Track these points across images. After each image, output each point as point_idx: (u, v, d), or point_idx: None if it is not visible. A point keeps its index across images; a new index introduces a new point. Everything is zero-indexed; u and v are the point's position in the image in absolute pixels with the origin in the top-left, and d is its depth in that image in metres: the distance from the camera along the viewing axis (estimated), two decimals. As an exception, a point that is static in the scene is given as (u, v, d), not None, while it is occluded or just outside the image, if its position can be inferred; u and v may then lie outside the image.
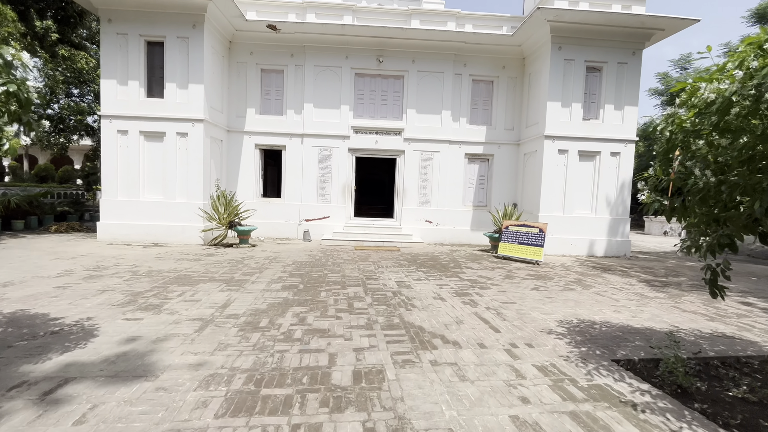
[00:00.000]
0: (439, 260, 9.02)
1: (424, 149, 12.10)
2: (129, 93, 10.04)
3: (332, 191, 12.07)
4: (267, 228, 11.96)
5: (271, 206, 12.06)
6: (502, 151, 12.33)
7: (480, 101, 12.38)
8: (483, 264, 8.75)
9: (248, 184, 12.03)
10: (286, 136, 11.93)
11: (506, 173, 12.40)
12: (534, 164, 11.27)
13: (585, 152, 10.79)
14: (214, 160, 11.02)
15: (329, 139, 11.93)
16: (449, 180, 12.26)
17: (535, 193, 11.08)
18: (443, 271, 7.73)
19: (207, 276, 6.51)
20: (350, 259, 8.77)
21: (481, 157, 12.45)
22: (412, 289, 6.10)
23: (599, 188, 10.85)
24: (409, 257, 9.28)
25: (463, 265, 8.53)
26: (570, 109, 10.66)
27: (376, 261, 8.60)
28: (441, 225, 12.25)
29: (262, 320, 4.40)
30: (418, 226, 12.19)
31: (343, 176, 12.05)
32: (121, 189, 10.19)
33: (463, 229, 12.34)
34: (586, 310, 5.31)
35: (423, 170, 12.17)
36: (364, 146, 12.01)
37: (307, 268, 7.47)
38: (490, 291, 6.21)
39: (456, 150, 12.24)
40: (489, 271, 7.87)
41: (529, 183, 11.62)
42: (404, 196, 12.19)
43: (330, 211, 12.08)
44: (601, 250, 10.86)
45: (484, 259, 9.53)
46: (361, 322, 4.43)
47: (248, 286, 5.95)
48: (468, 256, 9.90)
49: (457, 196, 12.36)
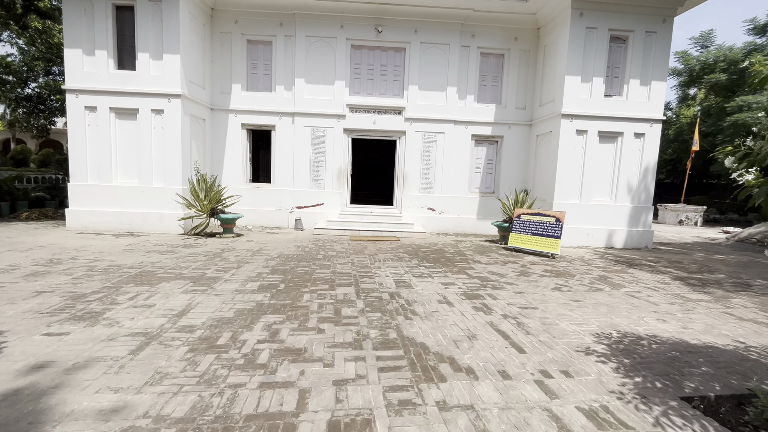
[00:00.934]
0: (443, 253, 8.08)
1: (426, 130, 11.03)
2: (97, 64, 8.95)
3: (326, 176, 11.06)
4: (256, 216, 11.01)
5: (260, 192, 11.08)
6: (512, 133, 11.25)
7: (489, 77, 11.23)
8: (492, 257, 7.81)
9: (234, 167, 11.02)
10: (276, 115, 10.86)
11: (517, 157, 11.35)
12: (548, 147, 10.21)
13: (606, 133, 9.71)
14: (195, 141, 9.99)
15: (323, 118, 10.85)
16: (454, 164, 11.22)
17: (549, 178, 10.05)
18: (449, 266, 6.80)
19: (174, 273, 5.59)
20: (344, 251, 7.83)
21: (489, 139, 11.38)
22: (413, 290, 5.18)
23: (620, 173, 9.82)
24: (410, 249, 8.35)
25: (470, 258, 7.60)
26: (590, 85, 9.54)
27: (373, 254, 7.67)
28: (445, 213, 11.28)
29: (223, 335, 3.47)
30: (420, 214, 11.22)
31: (338, 160, 11.02)
32: (91, 173, 9.20)
33: (468, 217, 11.37)
34: (623, 319, 4.37)
35: (425, 153, 11.12)
36: (361, 126, 10.94)
37: (294, 263, 6.55)
38: (504, 292, 5.28)
39: (462, 131, 11.16)
40: (500, 266, 6.94)
41: (542, 167, 10.58)
42: (405, 182, 11.18)
43: (324, 198, 11.10)
44: (621, 241, 9.90)
45: (493, 251, 8.58)
46: (348, 338, 3.51)
47: (219, 285, 5.03)
48: (475, 247, 8.95)
49: (462, 181, 11.34)
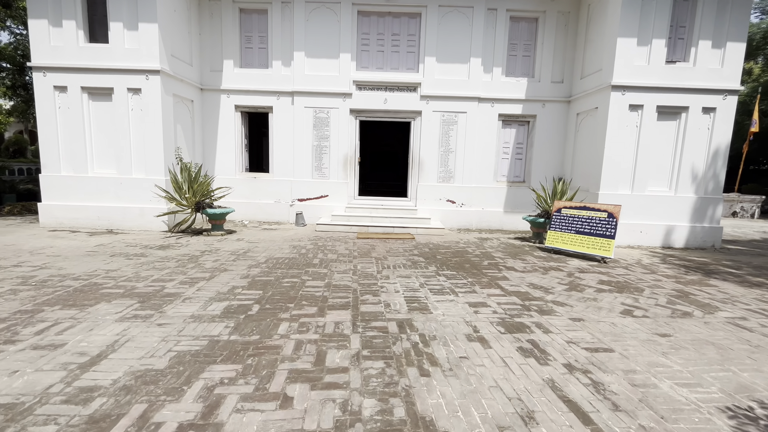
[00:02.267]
0: (466, 255, 6.67)
1: (446, 109, 9.50)
2: (65, 37, 7.79)
3: (331, 164, 9.73)
4: (253, 210, 9.82)
5: (257, 183, 9.85)
6: (547, 111, 9.60)
7: (520, 46, 9.56)
8: (528, 262, 6.35)
9: (228, 156, 9.81)
10: (273, 95, 9.53)
11: (552, 140, 9.70)
12: (593, 126, 8.55)
13: (666, 108, 7.98)
14: (181, 125, 8.80)
15: (326, 97, 9.47)
16: (478, 149, 9.69)
17: (593, 164, 8.42)
18: (475, 275, 5.40)
19: (125, 287, 4.40)
20: (347, 253, 6.53)
21: (519, 119, 9.77)
22: (430, 316, 3.82)
23: (683, 157, 8.09)
24: (427, 251, 6.97)
25: (501, 263, 6.17)
26: (648, 49, 7.79)
27: (382, 256, 6.34)
28: (467, 206, 9.80)
29: (130, 411, 2.20)
30: (438, 207, 9.78)
31: (344, 145, 9.65)
32: (64, 162, 8.14)
33: (494, 210, 9.86)
34: (754, 373, 2.90)
35: (444, 136, 9.62)
36: (370, 106, 9.51)
37: (282, 270, 5.28)
38: (557, 318, 3.86)
39: (487, 110, 9.58)
40: (541, 276, 5.49)
41: (583, 152, 8.93)
42: (420, 171, 9.73)
43: (328, 189, 9.79)
44: (681, 240, 8.23)
45: (527, 252, 7.11)
46: (327, 420, 2.19)
47: (173, 308, 3.80)
48: (504, 248, 7.50)
49: (487, 169, 9.81)
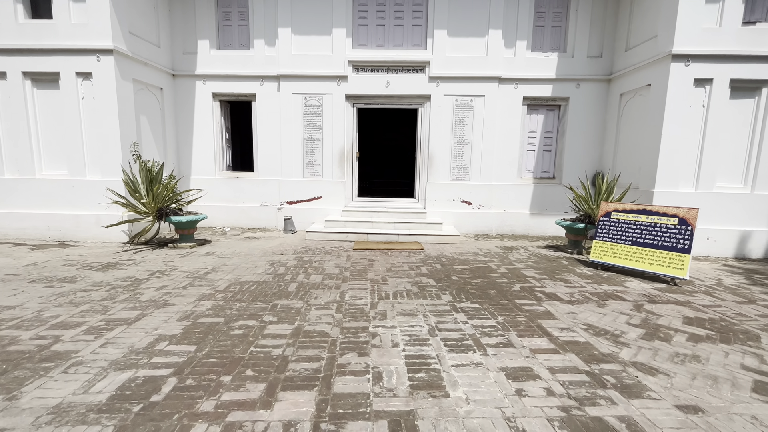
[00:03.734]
0: (490, 274, 5.17)
1: (460, 92, 7.97)
2: (0, 12, 6.51)
3: (324, 160, 8.30)
4: (235, 214, 8.47)
5: (241, 184, 8.49)
6: (581, 93, 7.97)
7: (548, 14, 7.94)
8: (573, 283, 4.82)
9: (206, 152, 8.46)
10: (256, 80, 8.14)
11: (587, 127, 8.08)
12: (643, 109, 6.91)
13: (742, 82, 6.30)
14: (147, 117, 7.47)
15: (317, 81, 8.03)
16: (498, 139, 8.14)
17: (643, 156, 6.79)
18: (507, 309, 3.90)
19: (2, 338, 3.05)
20: (336, 274, 5.09)
21: (548, 103, 8.17)
22: (446, 404, 2.34)
23: (762, 144, 6.41)
24: (438, 267, 5.49)
25: (537, 287, 4.65)
26: (720, 6, 6.13)
27: (380, 278, 4.89)
28: (485, 207, 8.27)
29: None
30: (451, 209, 8.28)
31: (339, 138, 8.21)
32: (7, 163, 6.90)
33: (518, 213, 8.31)
34: None
35: (458, 125, 8.09)
36: (370, 91, 8.03)
37: (241, 305, 3.88)
38: (655, 407, 2.34)
39: (509, 92, 8.01)
40: (598, 308, 3.95)
41: (629, 140, 7.30)
42: (430, 166, 8.23)
43: (322, 190, 8.36)
44: (760, 249, 6.55)
45: (567, 268, 5.57)
46: None
47: (37, 387, 2.41)
48: (536, 261, 5.96)
49: (509, 163, 8.25)
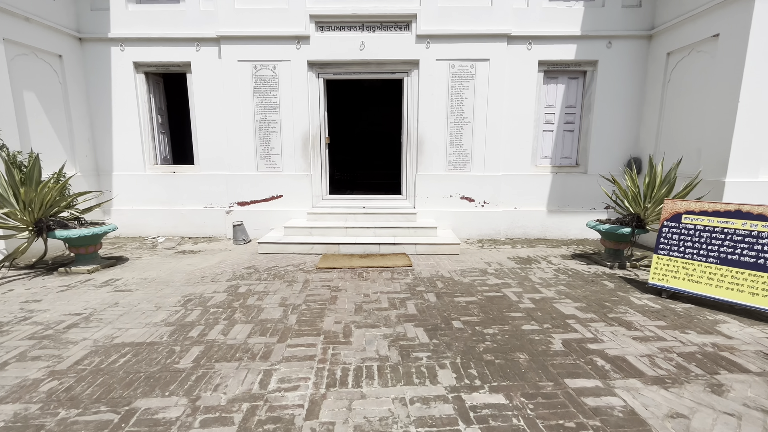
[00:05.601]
0: (510, 315, 3.41)
1: (457, 56, 6.12)
2: None
3: (284, 149, 6.44)
4: (173, 220, 6.61)
5: (179, 180, 6.61)
6: (614, 55, 6.16)
7: (571, -50, 6.08)
8: (640, 329, 3.08)
9: (131, 141, 6.54)
10: (190, 44, 6.20)
11: (622, 98, 6.29)
12: (704, 70, 5.12)
13: None
14: (37, 94, 5.53)
15: (270, 44, 6.12)
16: (507, 117, 6.33)
17: (708, 133, 5.03)
18: (554, 404, 2.13)
19: None
20: (275, 321, 3.30)
21: (570, 69, 6.35)
22: None
23: None
24: (433, 301, 3.71)
25: (590, 342, 2.89)
26: None
27: (341, 330, 3.10)
28: (491, 205, 6.51)
29: None
30: (448, 207, 6.50)
31: (303, 119, 6.34)
32: None
33: (532, 210, 6.56)
34: None
35: (456, 99, 6.26)
36: (340, 56, 6.15)
37: (69, 413, 2.08)
38: None
39: (521, 54, 6.18)
40: (719, 401, 2.22)
41: (682, 114, 5.53)
42: (420, 153, 6.42)
43: (282, 187, 6.53)
44: None
45: (618, 297, 3.84)
46: None
47: None
48: (569, 283, 4.23)
49: (521, 147, 6.46)
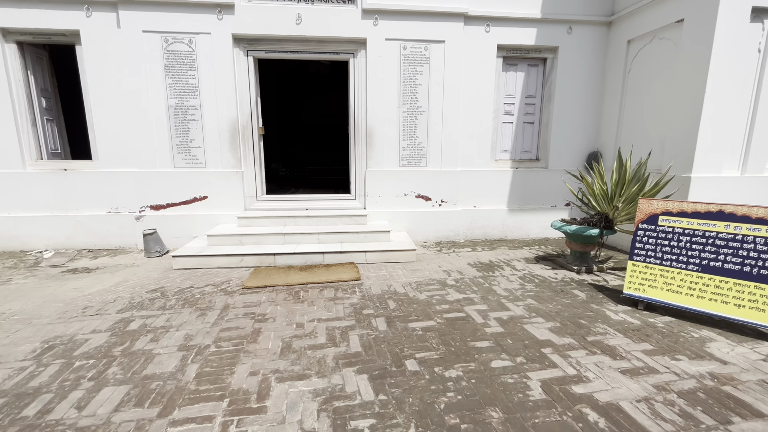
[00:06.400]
0: (476, 347, 2.76)
1: (409, 35, 5.40)
2: None
3: (206, 140, 5.38)
4: (68, 229, 5.32)
5: (73, 179, 5.31)
6: (575, 41, 5.77)
7: (530, -76, 5.56)
8: (625, 356, 2.57)
9: (3, 131, 5.14)
10: (77, 6, 4.91)
11: (583, 89, 5.93)
12: (667, 58, 4.82)
13: (809, 16, 4.40)
14: None
15: (184, 11, 5.01)
16: (464, 106, 5.74)
17: (672, 126, 4.74)
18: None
19: None
20: (164, 378, 2.40)
21: (530, 55, 5.87)
22: None
23: (827, 108, 4.63)
24: (381, 334, 2.97)
25: (573, 382, 2.31)
26: None
27: (257, 386, 2.26)
28: (449, 204, 5.92)
29: None
30: (402, 207, 5.82)
31: (229, 105, 5.31)
32: None
33: (493, 209, 6.06)
34: None
35: (409, 85, 5.55)
36: (272, 30, 5.18)
37: None
38: None
39: (479, 37, 5.59)
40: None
41: (644, 106, 5.23)
42: (370, 147, 5.66)
43: (206, 186, 5.47)
44: (813, 251, 4.87)
45: (593, 311, 3.36)
46: None
47: None
48: (538, 295, 3.69)
49: (480, 140, 5.92)
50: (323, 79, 10.63)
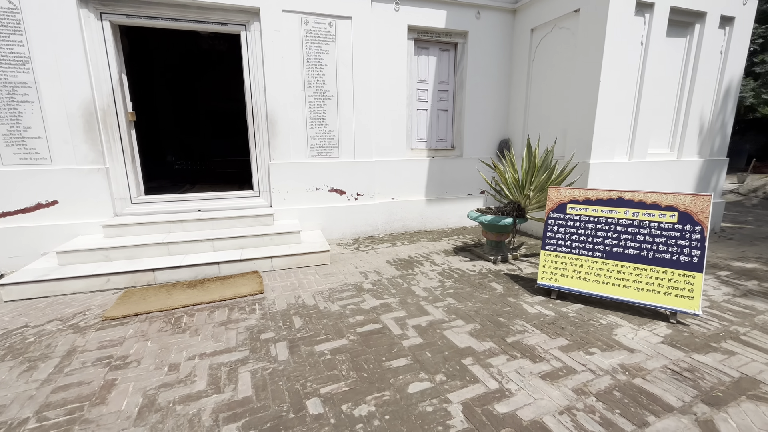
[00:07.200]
0: (389, 362, 2.40)
1: (309, 8, 4.75)
2: None
3: (50, 128, 4.14)
4: None
5: None
6: (484, 27, 5.69)
7: None
8: (544, 356, 2.45)
9: None
10: None
11: (493, 76, 5.93)
12: (567, 48, 4.95)
13: (681, 13, 4.82)
14: None
15: (-4, -46, 3.70)
16: (376, 90, 5.33)
17: (573, 114, 4.91)
18: None
19: None
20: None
21: (440, 39, 5.65)
22: None
23: (692, 98, 5.19)
24: (281, 367, 2.44)
25: (495, 398, 2.09)
26: None
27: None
28: (366, 197, 5.51)
29: None
30: (315, 203, 5.25)
31: (81, 83, 4.14)
32: None
33: (411, 200, 5.82)
34: None
35: (314, 66, 4.93)
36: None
37: None
38: None
39: (389, 16, 5.18)
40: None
41: (549, 94, 5.37)
42: (273, 135, 4.94)
43: (56, 188, 4.25)
44: (682, 226, 5.53)
45: (510, 306, 3.25)
46: None
47: None
48: (457, 293, 3.49)
49: (395, 127, 5.58)
50: (222, 58, 9.36)
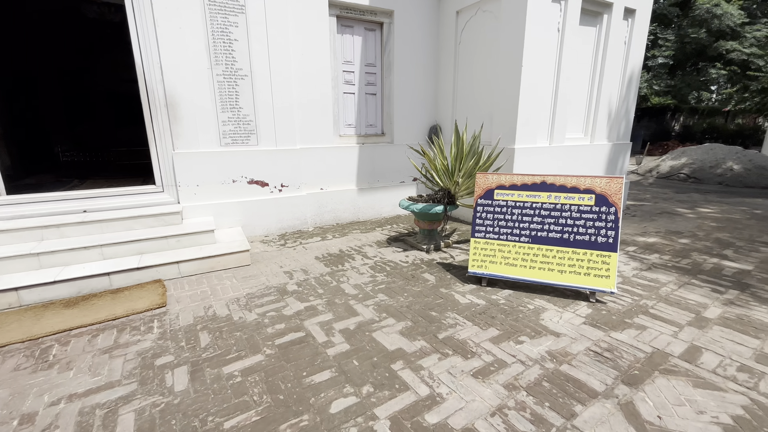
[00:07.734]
0: (310, 377, 2.11)
1: (212, -28, 4.11)
2: None
3: None
4: None
5: None
6: (408, 6, 5.45)
7: None
8: (476, 350, 2.35)
9: None
10: None
11: (421, 58, 5.76)
12: (492, 31, 4.93)
13: (591, 2, 5.02)
14: None
15: None
16: (297, 71, 4.86)
17: (498, 98, 4.93)
18: None
19: None
20: None
21: (365, 18, 5.31)
22: None
23: (602, 86, 5.51)
24: (177, 394, 2.02)
25: (423, 402, 1.91)
26: None
27: None
28: (292, 188, 5.07)
29: None
30: (233, 197, 4.69)
31: None
32: None
33: (341, 190, 5.50)
34: None
35: (221, 41, 4.30)
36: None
37: None
38: None
39: (307, -12, 4.71)
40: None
41: (474, 77, 5.34)
42: (174, 121, 4.25)
43: None
44: (595, 206, 5.95)
45: (443, 298, 3.14)
46: None
47: None
48: (389, 287, 3.30)
49: (320, 112, 5.17)
50: (116, 30, 8.02)
